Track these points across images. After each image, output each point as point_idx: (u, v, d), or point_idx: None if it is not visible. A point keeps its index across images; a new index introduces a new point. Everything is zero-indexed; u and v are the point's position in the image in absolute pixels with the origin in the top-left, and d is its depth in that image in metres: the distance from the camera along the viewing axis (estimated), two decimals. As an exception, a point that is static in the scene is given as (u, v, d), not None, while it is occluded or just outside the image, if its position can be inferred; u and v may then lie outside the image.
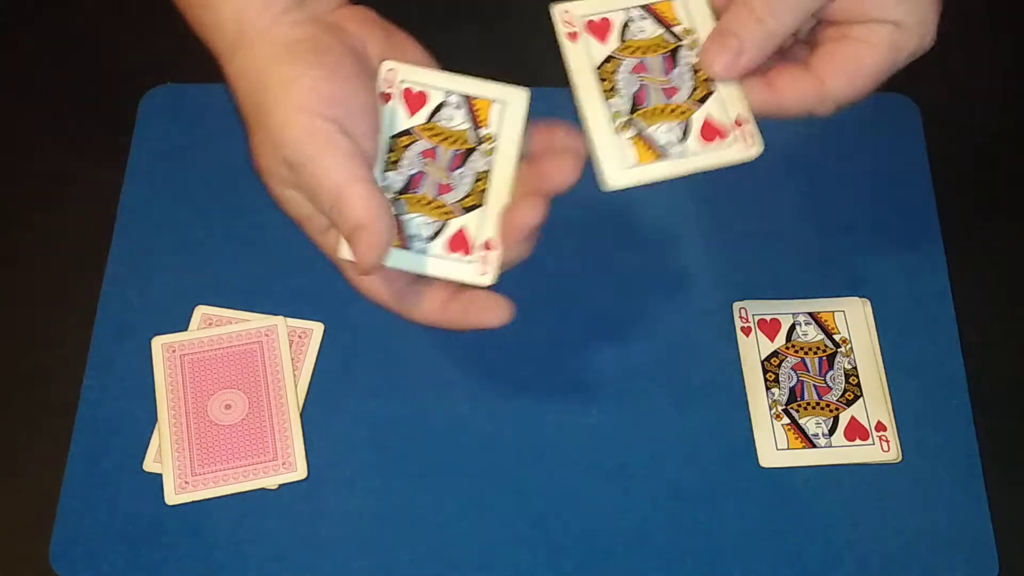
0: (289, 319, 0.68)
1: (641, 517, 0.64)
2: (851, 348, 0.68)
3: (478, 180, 0.55)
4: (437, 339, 0.69)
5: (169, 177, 0.73)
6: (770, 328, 0.69)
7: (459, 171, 0.55)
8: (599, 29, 0.55)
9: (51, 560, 0.63)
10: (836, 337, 0.68)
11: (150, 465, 0.65)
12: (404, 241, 0.54)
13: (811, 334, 0.69)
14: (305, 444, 0.65)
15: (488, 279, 0.54)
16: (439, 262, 0.54)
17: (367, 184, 0.52)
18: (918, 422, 0.66)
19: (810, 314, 0.69)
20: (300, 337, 0.68)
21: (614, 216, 0.72)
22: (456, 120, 0.55)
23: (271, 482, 0.64)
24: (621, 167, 0.53)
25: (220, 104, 0.75)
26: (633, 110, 0.54)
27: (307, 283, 0.70)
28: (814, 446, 0.66)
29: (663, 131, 0.54)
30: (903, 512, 0.64)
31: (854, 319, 0.69)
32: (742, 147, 0.53)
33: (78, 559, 0.63)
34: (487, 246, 0.54)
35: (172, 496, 0.64)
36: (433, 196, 0.54)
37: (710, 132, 0.53)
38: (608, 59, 0.55)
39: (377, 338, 0.68)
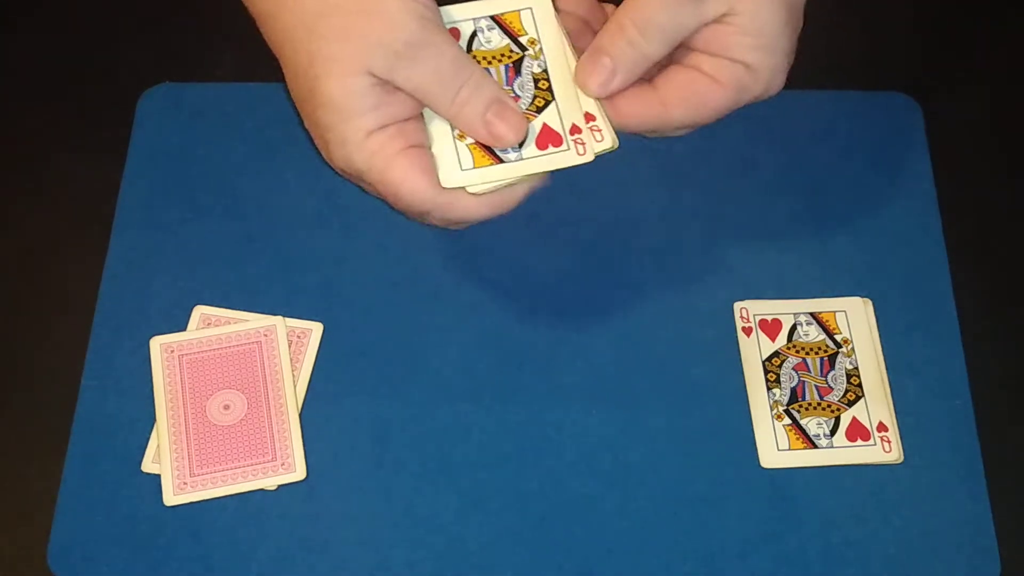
0: (288, 319, 0.68)
1: (641, 517, 0.64)
2: (852, 348, 0.68)
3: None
4: (437, 339, 0.68)
5: (168, 176, 0.73)
6: (771, 328, 0.69)
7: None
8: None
9: (49, 561, 0.63)
10: (837, 337, 0.68)
11: (148, 466, 0.65)
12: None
13: (812, 334, 0.68)
14: (304, 445, 0.65)
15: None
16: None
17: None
18: (920, 422, 0.66)
19: (811, 314, 0.69)
20: (299, 337, 0.68)
21: (614, 216, 0.72)
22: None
23: (270, 483, 0.64)
24: (455, 169, 0.55)
25: (219, 103, 0.76)
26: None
27: (306, 283, 0.70)
28: (815, 447, 0.65)
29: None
30: (905, 513, 0.64)
31: (855, 319, 0.69)
32: (573, 154, 0.56)
33: (76, 560, 0.63)
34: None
35: (171, 497, 0.64)
36: None
37: (545, 139, 0.56)
38: None
39: (377, 338, 0.68)
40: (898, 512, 0.64)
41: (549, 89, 0.57)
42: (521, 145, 0.56)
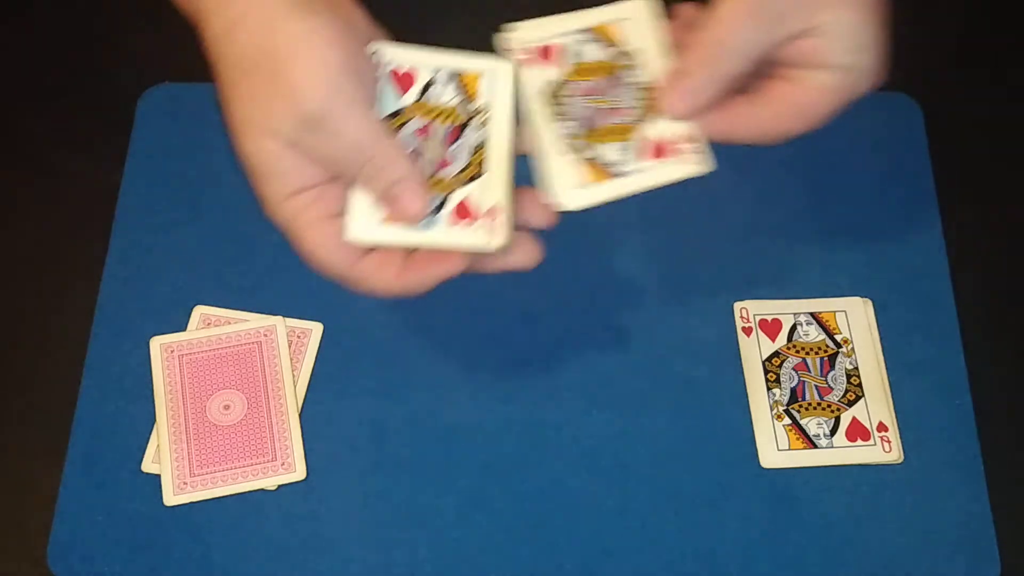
0: (288, 319, 0.68)
1: (642, 517, 0.64)
2: (852, 348, 0.68)
3: (475, 152, 0.55)
4: (437, 339, 0.68)
5: (168, 176, 0.73)
6: (771, 328, 0.69)
7: (455, 145, 0.55)
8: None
9: (49, 561, 0.63)
10: (837, 337, 0.68)
11: (148, 466, 0.65)
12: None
13: (812, 334, 0.68)
14: (304, 445, 0.65)
15: (498, 242, 0.54)
16: (447, 234, 0.54)
17: (396, 140, 0.53)
18: (920, 422, 0.66)
19: (811, 314, 0.69)
20: (299, 337, 0.68)
21: (614, 216, 0.72)
22: (447, 95, 0.55)
23: (270, 483, 0.64)
24: (573, 187, 0.55)
25: (219, 103, 0.75)
26: (586, 132, 0.56)
27: (306, 283, 0.69)
28: (815, 446, 0.65)
29: (613, 151, 0.56)
30: (905, 512, 0.64)
31: (855, 319, 0.69)
32: (689, 164, 0.56)
33: (76, 560, 0.63)
34: (492, 212, 0.54)
35: (171, 497, 0.64)
36: (432, 172, 0.54)
37: (660, 150, 0.56)
38: (560, 82, 0.57)
39: (377, 338, 0.68)
40: (898, 511, 0.64)
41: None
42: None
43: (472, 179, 0.55)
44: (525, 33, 0.57)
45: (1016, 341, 0.70)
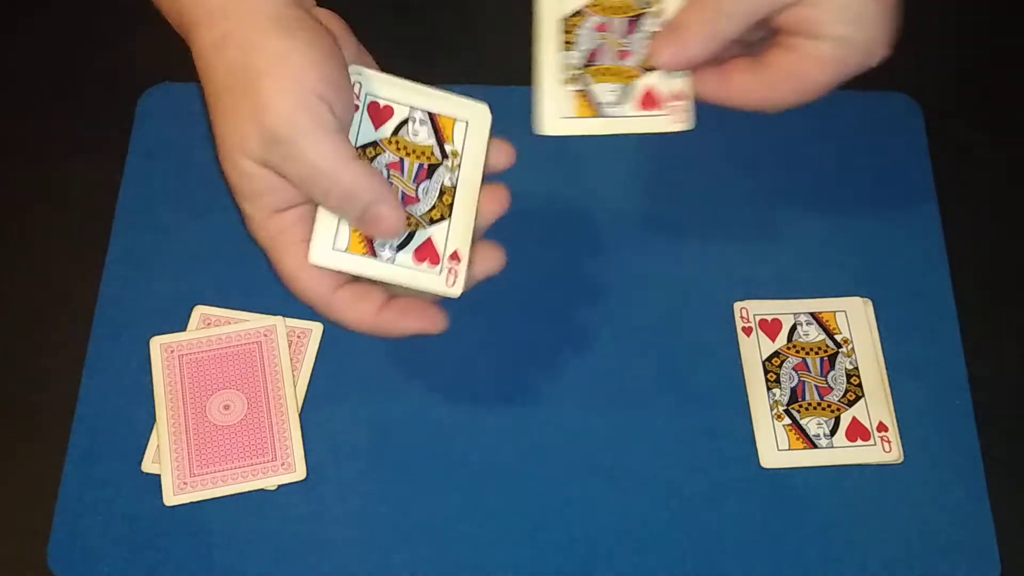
0: (288, 319, 0.68)
1: (641, 518, 0.64)
2: (852, 348, 0.68)
3: (443, 194, 0.55)
4: (437, 339, 0.68)
5: (167, 176, 0.73)
6: (771, 328, 0.69)
7: (425, 184, 0.55)
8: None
9: (49, 562, 0.63)
10: (837, 337, 0.68)
11: (148, 466, 0.65)
12: (371, 250, 0.54)
13: (812, 334, 0.68)
14: (304, 445, 0.65)
15: (457, 290, 0.55)
16: (407, 271, 0.54)
17: (365, 163, 0.52)
18: (920, 422, 0.66)
19: (811, 314, 0.69)
20: (299, 337, 0.68)
21: (614, 215, 0.72)
22: (421, 136, 0.55)
23: (270, 483, 0.64)
24: (558, 116, 0.55)
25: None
26: (586, 65, 0.56)
27: (306, 283, 0.69)
28: (815, 446, 0.65)
29: (607, 90, 0.56)
30: (905, 513, 0.64)
31: (855, 319, 0.69)
32: (670, 120, 0.56)
33: (76, 560, 0.63)
34: (455, 257, 0.55)
35: (171, 497, 0.63)
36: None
37: (649, 101, 0.56)
38: (576, 13, 0.57)
39: (376, 338, 0.68)
40: (898, 512, 0.64)
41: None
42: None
43: (436, 220, 0.55)
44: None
45: (1016, 341, 0.70)
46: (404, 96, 0.55)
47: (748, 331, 0.69)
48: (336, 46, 0.53)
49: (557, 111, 0.55)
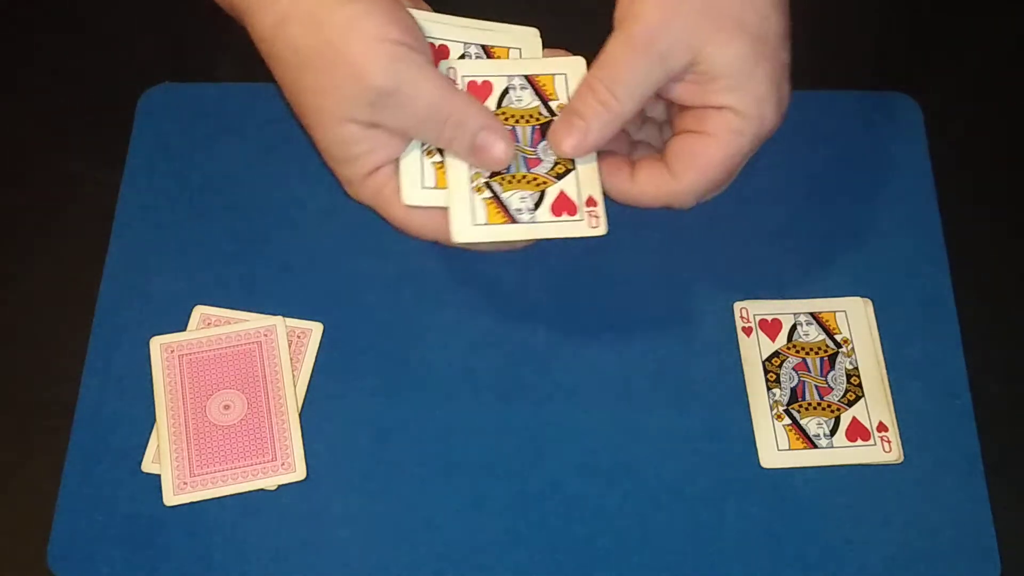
0: (288, 319, 0.68)
1: (641, 518, 0.64)
2: (852, 348, 0.68)
3: None
4: (437, 339, 0.68)
5: (168, 176, 0.73)
6: (771, 328, 0.69)
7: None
8: (481, 90, 0.58)
9: (49, 562, 0.63)
10: (837, 337, 0.68)
11: (148, 466, 0.65)
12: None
13: (812, 334, 0.68)
14: (304, 445, 0.65)
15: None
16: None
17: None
18: (920, 422, 0.66)
19: (811, 314, 0.69)
20: (299, 337, 0.68)
21: (614, 216, 0.72)
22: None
23: (270, 483, 0.64)
24: (469, 223, 0.56)
25: (219, 103, 0.76)
26: (494, 174, 0.57)
27: (306, 283, 0.69)
28: (815, 447, 0.65)
29: (517, 197, 0.57)
30: (905, 513, 0.64)
31: (855, 319, 0.69)
32: (586, 225, 0.57)
33: (76, 560, 0.63)
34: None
35: (171, 497, 0.63)
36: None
37: (560, 206, 0.57)
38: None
39: (376, 338, 0.68)
40: (898, 512, 0.64)
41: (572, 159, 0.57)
42: (536, 207, 0.56)
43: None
44: (461, 65, 0.58)
45: (1016, 341, 0.70)
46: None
47: (748, 331, 0.69)
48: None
49: (468, 218, 0.56)
